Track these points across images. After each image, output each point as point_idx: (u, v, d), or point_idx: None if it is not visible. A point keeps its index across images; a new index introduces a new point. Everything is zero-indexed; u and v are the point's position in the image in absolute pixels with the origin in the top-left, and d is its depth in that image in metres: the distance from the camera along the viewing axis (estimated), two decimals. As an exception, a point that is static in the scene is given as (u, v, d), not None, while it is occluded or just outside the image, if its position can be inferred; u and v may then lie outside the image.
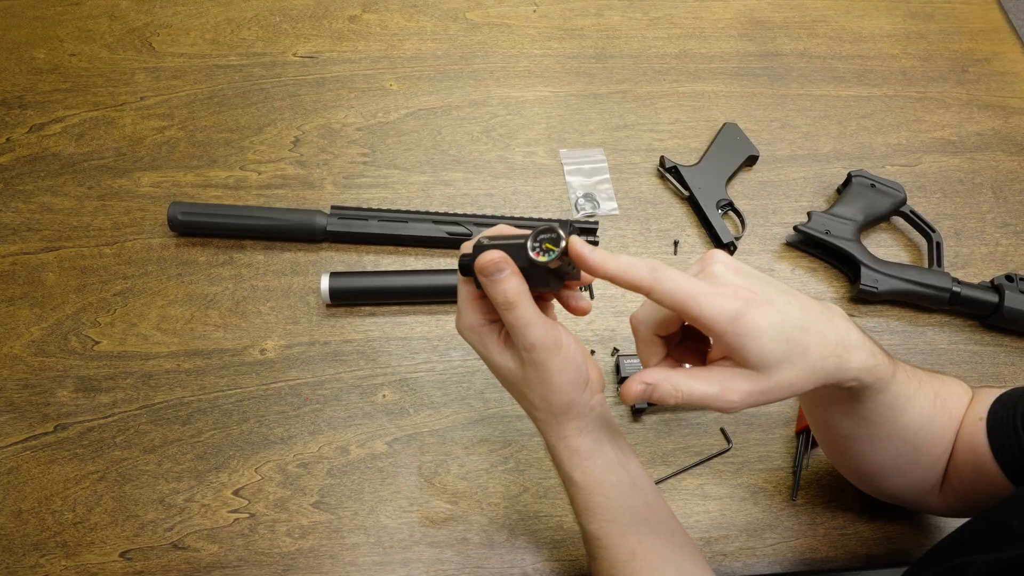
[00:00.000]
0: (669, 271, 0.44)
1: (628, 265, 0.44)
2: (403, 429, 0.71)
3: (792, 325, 0.44)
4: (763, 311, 0.43)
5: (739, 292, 0.44)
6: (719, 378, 0.45)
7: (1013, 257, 0.84)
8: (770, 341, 0.43)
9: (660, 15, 1.01)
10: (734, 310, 0.43)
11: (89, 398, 0.70)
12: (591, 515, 0.52)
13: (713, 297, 0.43)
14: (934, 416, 0.55)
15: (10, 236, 0.79)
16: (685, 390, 0.45)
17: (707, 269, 0.46)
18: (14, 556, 0.63)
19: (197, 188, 0.83)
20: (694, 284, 0.43)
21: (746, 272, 0.46)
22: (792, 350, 0.44)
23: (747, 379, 0.44)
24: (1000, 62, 1.00)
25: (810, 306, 0.46)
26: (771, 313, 0.44)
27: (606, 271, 0.45)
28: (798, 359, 0.44)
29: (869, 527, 0.68)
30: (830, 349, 0.45)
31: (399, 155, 0.87)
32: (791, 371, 0.44)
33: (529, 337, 0.47)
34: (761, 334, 0.43)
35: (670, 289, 0.43)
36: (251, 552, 0.64)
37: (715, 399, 0.45)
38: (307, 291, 0.77)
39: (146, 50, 0.92)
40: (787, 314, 0.44)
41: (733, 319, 0.43)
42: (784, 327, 0.44)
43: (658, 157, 0.88)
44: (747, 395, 0.44)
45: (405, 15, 0.98)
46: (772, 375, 0.44)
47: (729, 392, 0.44)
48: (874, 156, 0.91)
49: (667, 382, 0.46)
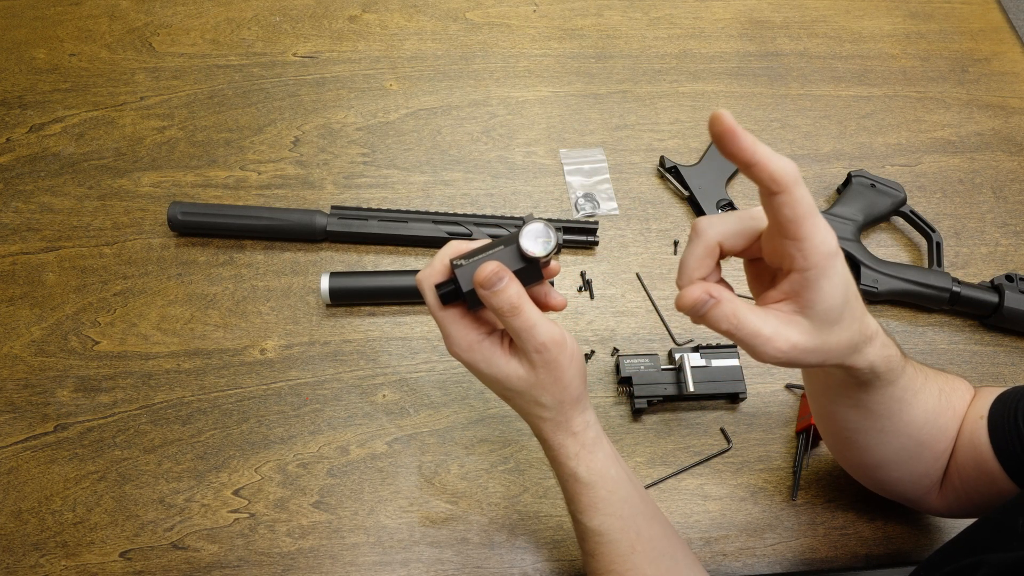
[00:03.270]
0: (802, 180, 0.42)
1: (774, 155, 0.41)
2: (403, 429, 0.71)
3: (852, 291, 0.44)
4: (843, 262, 0.43)
5: (834, 234, 0.43)
6: (775, 322, 0.43)
7: (1013, 257, 0.84)
8: (840, 294, 0.43)
9: (660, 15, 1.01)
10: (834, 246, 0.42)
11: (89, 398, 0.70)
12: (594, 511, 0.52)
13: (825, 229, 0.42)
14: (939, 412, 0.55)
15: (10, 236, 0.79)
16: (742, 318, 0.43)
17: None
18: (14, 556, 0.63)
19: (197, 188, 0.83)
20: (815, 208, 0.42)
21: None
22: (846, 314, 0.44)
23: (801, 331, 0.43)
24: (1000, 62, 1.00)
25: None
26: (844, 271, 0.43)
27: (753, 155, 0.41)
28: (847, 323, 0.44)
29: (869, 527, 0.68)
30: (862, 327, 0.45)
31: (399, 155, 0.87)
32: (840, 334, 0.44)
33: (539, 337, 0.47)
34: (839, 283, 0.42)
35: (803, 195, 0.41)
36: (251, 552, 0.64)
37: (764, 341, 0.43)
38: (307, 291, 0.77)
39: (146, 50, 0.93)
40: (849, 280, 0.44)
41: (832, 254, 0.42)
42: (849, 288, 0.43)
43: (658, 157, 0.88)
44: (794, 348, 0.43)
45: (405, 15, 0.98)
46: (825, 332, 0.43)
47: (779, 339, 0.43)
48: (874, 156, 0.91)
49: (730, 304, 0.43)
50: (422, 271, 0.50)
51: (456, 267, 0.48)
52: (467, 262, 0.48)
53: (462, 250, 0.50)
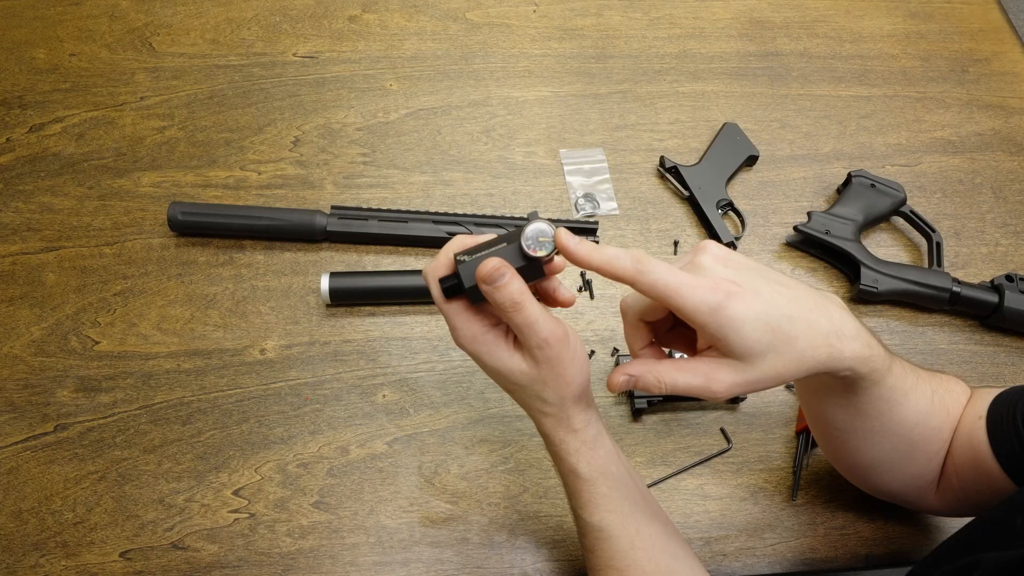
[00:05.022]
0: (653, 263, 0.45)
1: (612, 257, 0.46)
2: (403, 429, 0.71)
3: (779, 315, 0.44)
4: (746, 302, 0.44)
5: (720, 284, 0.44)
6: (704, 369, 0.46)
7: (1013, 257, 0.84)
8: (753, 331, 0.44)
9: (660, 15, 1.01)
10: (715, 302, 0.43)
11: (89, 398, 0.70)
12: (594, 507, 0.52)
13: (695, 289, 0.44)
14: (931, 412, 0.55)
15: (10, 236, 0.79)
16: (668, 381, 0.46)
17: (695, 260, 0.47)
18: (14, 556, 0.63)
19: (197, 188, 0.83)
20: (676, 276, 0.44)
21: (736, 263, 0.46)
22: (777, 339, 0.44)
23: (732, 369, 0.45)
24: (1000, 62, 1.00)
25: (801, 295, 0.46)
26: (756, 303, 0.44)
27: (591, 263, 0.46)
28: (785, 348, 0.44)
29: (869, 527, 0.68)
30: (821, 338, 0.45)
31: (399, 155, 0.87)
32: (778, 360, 0.45)
33: (541, 333, 0.48)
34: (743, 325, 0.43)
35: (652, 281, 0.44)
36: (251, 552, 0.64)
37: (700, 390, 0.46)
38: (307, 291, 0.77)
39: (146, 50, 0.93)
40: (773, 303, 0.45)
41: (714, 311, 0.43)
42: (770, 317, 0.44)
43: (658, 157, 0.88)
44: (732, 385, 0.45)
45: (405, 15, 0.98)
46: (757, 365, 0.45)
47: (714, 383, 0.45)
48: (874, 156, 0.91)
49: (650, 373, 0.47)
50: (428, 265, 0.51)
51: (459, 262, 0.49)
52: (470, 258, 0.49)
53: (467, 244, 0.51)
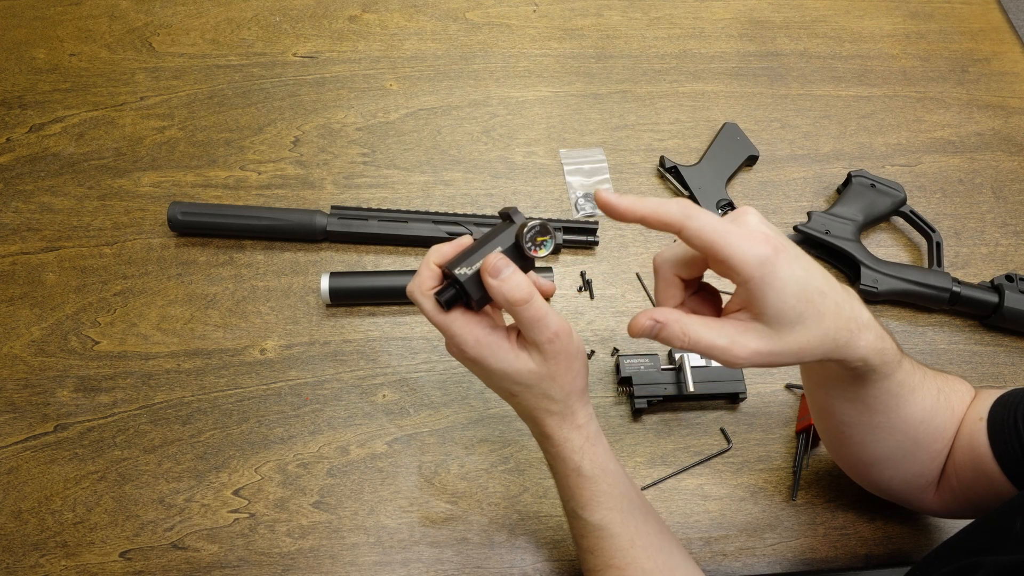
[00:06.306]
0: (701, 211, 0.44)
1: (657, 204, 0.44)
2: (403, 429, 0.71)
3: (814, 287, 0.44)
4: (791, 264, 0.43)
5: (770, 239, 0.43)
6: (730, 331, 0.44)
7: (1013, 257, 0.84)
8: (792, 296, 0.43)
9: (660, 15, 1.01)
10: (764, 254, 0.42)
11: (89, 398, 0.70)
12: (596, 505, 0.52)
13: (744, 239, 0.43)
14: (936, 411, 0.55)
15: (10, 236, 0.79)
16: (693, 335, 0.44)
17: (739, 218, 0.45)
18: (14, 556, 0.63)
19: (197, 188, 0.83)
20: (726, 225, 0.43)
21: (776, 230, 0.46)
22: (809, 312, 0.43)
23: (759, 336, 0.44)
24: (1000, 62, 1.00)
25: (830, 275, 0.46)
26: (797, 268, 0.43)
27: (635, 213, 0.45)
28: (813, 322, 0.44)
29: (869, 527, 0.68)
30: (844, 321, 0.45)
31: (399, 155, 0.87)
32: (803, 334, 0.44)
33: (551, 326, 0.48)
34: (785, 286, 0.42)
35: (700, 226, 0.43)
36: (251, 552, 0.64)
37: (722, 352, 0.44)
38: (307, 291, 0.77)
39: (146, 50, 0.92)
40: (811, 274, 0.44)
41: (762, 263, 0.42)
42: (807, 286, 0.43)
43: (658, 157, 0.88)
44: (755, 353, 0.44)
45: (405, 15, 0.98)
46: (785, 335, 0.44)
47: (737, 347, 0.44)
48: (874, 156, 0.91)
49: (677, 324, 0.45)
50: (411, 283, 0.51)
51: (453, 268, 0.49)
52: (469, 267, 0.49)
53: (448, 255, 0.51)
